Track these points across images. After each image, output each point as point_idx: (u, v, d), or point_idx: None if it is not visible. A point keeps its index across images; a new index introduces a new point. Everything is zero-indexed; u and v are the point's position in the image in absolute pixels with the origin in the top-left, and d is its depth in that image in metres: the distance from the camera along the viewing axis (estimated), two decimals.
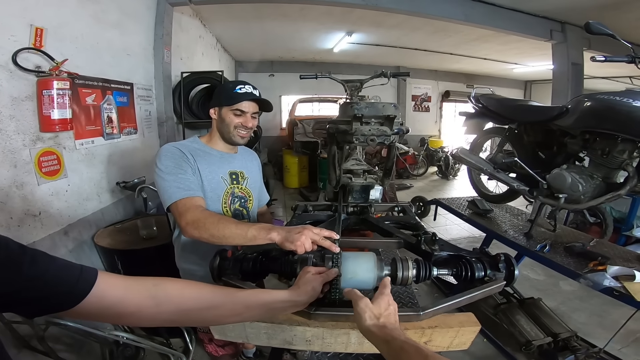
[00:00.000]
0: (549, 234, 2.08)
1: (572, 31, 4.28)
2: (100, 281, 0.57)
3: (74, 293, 0.55)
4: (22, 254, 0.52)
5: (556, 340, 1.98)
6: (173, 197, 1.14)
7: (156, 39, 3.15)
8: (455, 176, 8.24)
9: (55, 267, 0.55)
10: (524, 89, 10.84)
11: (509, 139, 2.19)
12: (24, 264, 0.51)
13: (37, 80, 1.70)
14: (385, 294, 0.74)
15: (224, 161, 1.38)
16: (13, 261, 0.50)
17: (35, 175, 1.67)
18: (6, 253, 0.50)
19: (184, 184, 1.17)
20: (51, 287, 0.53)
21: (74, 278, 0.55)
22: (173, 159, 1.23)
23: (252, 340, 0.97)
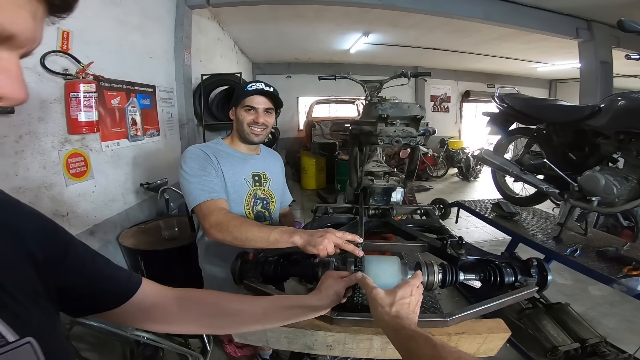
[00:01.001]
0: (579, 237, 1.99)
1: (599, 29, 4.11)
2: (144, 284, 0.62)
3: (122, 294, 0.59)
4: (85, 253, 0.56)
5: (584, 345, 1.90)
6: (197, 199, 1.16)
7: (176, 42, 3.21)
8: (476, 178, 8.04)
9: (110, 268, 0.59)
10: (549, 88, 10.47)
11: (537, 140, 2.11)
12: (86, 263, 0.55)
13: (65, 82, 1.74)
14: (409, 283, 0.72)
15: (247, 163, 1.39)
16: (77, 258, 0.54)
17: (64, 176, 1.73)
18: (73, 250, 0.54)
19: (208, 186, 1.19)
20: (104, 286, 0.57)
21: (124, 280, 0.60)
22: (197, 161, 1.24)
23: (272, 344, 0.97)
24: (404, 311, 0.66)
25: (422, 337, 0.56)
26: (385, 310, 0.66)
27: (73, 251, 0.54)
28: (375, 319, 0.69)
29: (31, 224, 0.49)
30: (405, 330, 0.60)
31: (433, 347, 0.52)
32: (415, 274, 0.77)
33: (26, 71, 1.52)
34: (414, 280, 0.73)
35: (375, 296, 0.70)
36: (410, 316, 0.66)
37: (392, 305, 0.67)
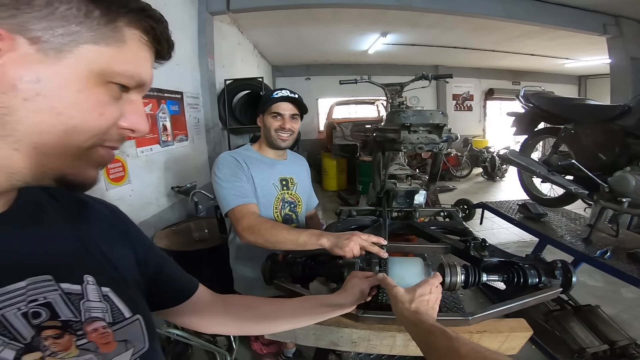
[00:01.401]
0: (610, 239, 1.94)
1: (628, 25, 3.96)
2: (200, 288, 0.72)
3: (184, 294, 0.69)
4: (161, 255, 0.67)
5: (613, 347, 1.85)
6: (230, 204, 1.24)
7: (200, 48, 3.33)
8: (502, 178, 7.80)
9: (177, 270, 0.70)
10: (578, 85, 10.03)
11: (565, 140, 2.07)
12: (163, 264, 0.66)
13: None
14: (428, 282, 0.75)
15: (275, 168, 1.45)
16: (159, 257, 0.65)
17: (104, 181, 1.85)
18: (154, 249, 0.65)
19: (240, 191, 1.26)
20: (172, 285, 0.67)
21: (187, 282, 0.70)
22: (229, 167, 1.32)
23: (300, 340, 1.02)
24: (423, 307, 0.69)
25: (439, 330, 0.59)
26: (405, 307, 0.70)
27: (154, 253, 0.65)
28: (396, 315, 0.73)
29: (135, 231, 0.62)
30: (423, 324, 0.64)
31: (448, 339, 0.55)
32: (434, 274, 0.80)
33: None
34: (433, 279, 0.76)
35: (396, 294, 0.73)
36: (429, 312, 0.69)
37: (411, 302, 0.70)
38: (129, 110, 0.43)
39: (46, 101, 0.36)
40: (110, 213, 0.59)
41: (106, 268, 0.50)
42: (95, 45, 0.37)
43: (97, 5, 0.37)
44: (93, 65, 0.38)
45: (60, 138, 0.37)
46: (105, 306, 0.47)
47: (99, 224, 0.54)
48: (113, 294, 0.48)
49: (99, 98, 0.39)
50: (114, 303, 0.48)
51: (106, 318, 0.46)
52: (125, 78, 0.41)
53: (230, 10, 3.54)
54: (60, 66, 0.36)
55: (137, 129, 0.44)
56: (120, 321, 0.47)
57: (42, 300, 0.41)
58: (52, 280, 0.42)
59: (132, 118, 0.43)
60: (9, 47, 0.34)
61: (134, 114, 0.43)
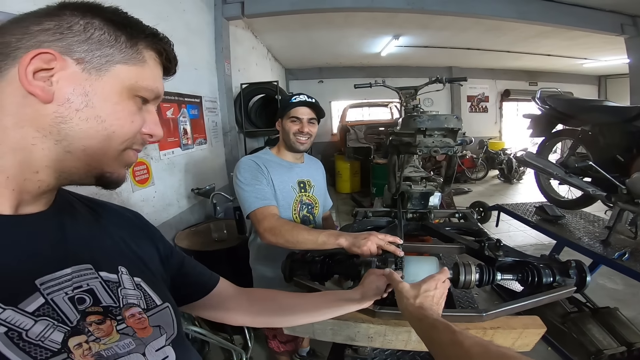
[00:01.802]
0: (629, 241, 1.91)
1: None
2: (220, 282, 0.77)
3: (206, 288, 0.74)
4: (181, 254, 0.73)
5: (631, 349, 1.82)
6: (252, 206, 1.29)
7: (217, 53, 3.40)
8: (519, 180, 7.65)
9: (198, 267, 0.75)
10: (598, 85, 9.74)
11: (583, 142, 2.06)
12: (184, 262, 0.72)
13: None
14: (434, 278, 0.76)
15: (293, 171, 1.50)
16: (180, 255, 0.71)
17: (130, 183, 1.93)
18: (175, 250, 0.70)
19: (261, 194, 1.32)
20: (195, 280, 0.73)
21: (207, 277, 0.76)
22: (250, 171, 1.37)
23: (318, 335, 1.05)
24: (428, 302, 0.70)
25: (443, 324, 0.61)
26: (410, 302, 0.71)
27: (176, 252, 0.70)
28: (401, 310, 0.74)
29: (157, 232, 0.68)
30: (427, 319, 0.65)
31: (452, 333, 0.57)
32: (442, 269, 0.80)
33: None
34: (440, 275, 0.77)
35: (402, 289, 0.75)
36: (433, 307, 0.70)
37: (416, 297, 0.71)
38: (149, 119, 0.51)
39: (93, 111, 0.43)
40: (133, 216, 0.66)
41: (135, 261, 0.56)
42: (125, 65, 0.46)
43: (123, 32, 0.45)
44: (125, 81, 0.46)
45: (103, 142, 0.45)
46: (139, 293, 0.52)
47: (124, 225, 0.60)
48: (144, 283, 0.54)
49: (130, 109, 0.47)
50: (146, 291, 0.53)
51: (141, 304, 0.51)
52: (148, 92, 0.49)
53: (245, 16, 3.61)
54: (102, 82, 0.44)
55: (155, 134, 0.52)
56: (153, 307, 0.53)
57: (85, 286, 0.46)
58: (92, 269, 0.48)
59: (151, 125, 0.51)
60: (61, 66, 0.41)
61: (152, 122, 0.51)
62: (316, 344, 2.14)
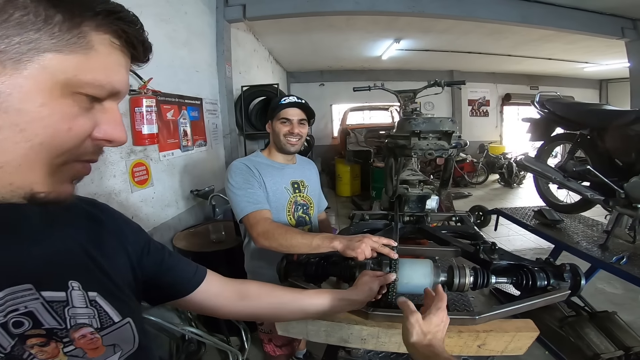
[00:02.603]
0: (627, 245, 1.91)
1: None
2: (208, 276, 0.73)
3: (191, 284, 0.69)
4: (163, 248, 0.68)
5: (628, 353, 1.81)
6: (245, 210, 1.29)
7: (218, 55, 3.42)
8: (520, 184, 7.65)
9: (181, 262, 0.70)
10: (599, 89, 9.76)
11: (581, 146, 2.05)
12: (164, 258, 0.66)
13: (130, 98, 1.92)
14: (441, 308, 0.74)
15: (285, 172, 1.50)
16: (158, 253, 0.66)
17: (129, 184, 1.94)
18: (154, 246, 0.66)
19: (253, 198, 1.31)
20: (178, 276, 0.68)
21: (192, 272, 0.71)
22: (242, 174, 1.37)
23: (312, 337, 1.05)
24: (437, 338, 0.69)
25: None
26: (420, 339, 0.69)
27: (154, 249, 0.65)
28: (406, 343, 0.71)
29: (129, 230, 0.62)
30: (437, 357, 0.64)
31: None
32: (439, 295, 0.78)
33: None
34: (442, 303, 0.75)
35: (415, 322, 0.71)
36: (442, 344, 0.69)
37: (427, 334, 0.69)
38: (104, 120, 0.40)
39: (6, 118, 0.32)
40: (101, 213, 0.58)
41: (93, 272, 0.49)
42: (58, 53, 0.34)
43: (58, 10, 0.33)
44: (57, 75, 0.34)
45: (26, 156, 0.34)
46: (93, 312, 0.46)
47: (87, 226, 0.53)
48: (101, 298, 0.48)
49: (66, 111, 0.36)
50: (101, 308, 0.48)
51: (93, 324, 0.46)
52: (94, 88, 0.37)
53: (246, 18, 3.63)
54: (20, 78, 0.32)
55: (113, 138, 0.41)
56: (109, 325, 0.48)
57: (22, 309, 0.41)
58: (32, 289, 0.42)
59: (106, 128, 0.40)
60: None
61: (109, 124, 0.40)
62: (313, 347, 2.14)
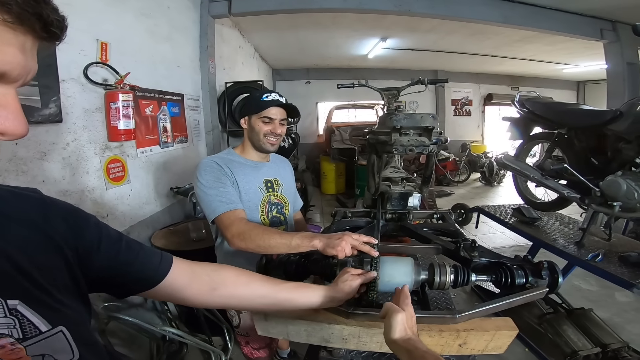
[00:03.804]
0: (602, 243, 1.96)
1: (625, 30, 4.01)
2: (175, 265, 0.67)
3: (156, 275, 0.64)
4: (119, 240, 0.61)
5: (605, 350, 1.87)
6: (217, 211, 1.22)
7: (201, 51, 3.35)
8: (500, 183, 7.85)
9: (143, 253, 0.64)
10: (577, 90, 10.10)
11: (558, 145, 2.10)
12: (121, 250, 0.60)
13: (105, 92, 1.86)
14: (409, 304, 0.75)
15: (259, 170, 1.44)
16: (113, 247, 0.59)
17: (104, 180, 1.87)
18: (107, 240, 0.59)
19: (226, 197, 1.24)
20: (139, 269, 0.63)
21: (157, 263, 0.65)
22: (212, 172, 1.29)
23: (292, 337, 1.04)
24: (414, 333, 0.70)
25: (432, 357, 0.61)
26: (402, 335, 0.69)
27: (107, 243, 0.58)
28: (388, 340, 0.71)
29: (65, 223, 0.53)
30: (418, 350, 0.64)
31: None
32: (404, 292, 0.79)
33: (71, 82, 1.66)
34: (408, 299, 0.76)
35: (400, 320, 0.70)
36: (418, 337, 0.70)
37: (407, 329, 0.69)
38: None
39: None
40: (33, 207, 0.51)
41: (15, 278, 0.43)
42: None
43: None
44: None
45: None
46: (13, 321, 0.42)
47: (10, 226, 0.46)
48: (24, 306, 0.43)
49: None
50: (24, 316, 0.42)
51: (14, 334, 0.41)
52: None
53: (231, 14, 3.57)
54: None
55: (4, 129, 0.36)
56: (33, 336, 0.43)
57: None
58: None
59: None
60: None
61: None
62: (297, 346, 2.12)
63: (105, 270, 0.58)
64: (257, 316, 1.02)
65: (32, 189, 0.54)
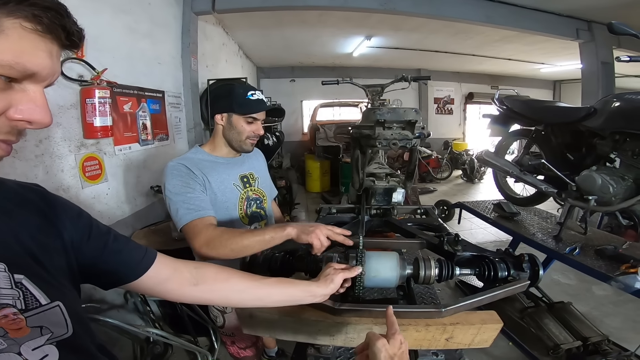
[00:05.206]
0: (579, 236, 2.03)
1: (600, 30, 4.14)
2: (158, 260, 0.71)
3: (140, 267, 0.68)
4: (108, 233, 0.67)
5: (586, 344, 1.93)
6: (184, 218, 1.13)
7: (183, 48, 3.28)
8: (480, 179, 8.05)
9: (129, 246, 0.69)
10: (553, 89, 10.45)
11: (536, 141, 2.16)
12: (108, 242, 0.65)
13: (81, 89, 1.80)
14: (397, 331, 0.73)
15: (232, 167, 1.37)
16: (101, 238, 0.64)
17: (80, 179, 1.80)
18: (97, 231, 0.64)
19: (194, 203, 1.15)
20: (124, 261, 0.67)
21: (141, 255, 0.69)
22: (180, 177, 1.20)
23: (279, 335, 1.02)
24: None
25: None
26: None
27: (97, 233, 0.64)
28: None
29: (66, 215, 0.60)
30: None
31: None
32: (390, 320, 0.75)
33: None
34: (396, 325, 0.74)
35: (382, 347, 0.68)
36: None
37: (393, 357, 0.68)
38: (21, 100, 0.43)
39: None
40: (37, 198, 0.58)
41: (21, 256, 0.50)
42: None
43: None
44: None
45: None
46: (18, 293, 0.47)
47: (19, 211, 0.53)
48: (28, 281, 0.48)
49: None
50: (27, 290, 0.48)
51: (17, 305, 0.46)
52: (3, 68, 0.40)
53: (215, 11, 3.50)
54: None
55: (32, 119, 0.44)
56: (34, 308, 0.47)
57: None
58: None
59: (23, 108, 0.43)
60: None
61: (26, 104, 0.43)
62: (285, 344, 2.10)
63: (93, 259, 0.62)
64: (241, 314, 1.00)
65: (35, 184, 0.61)
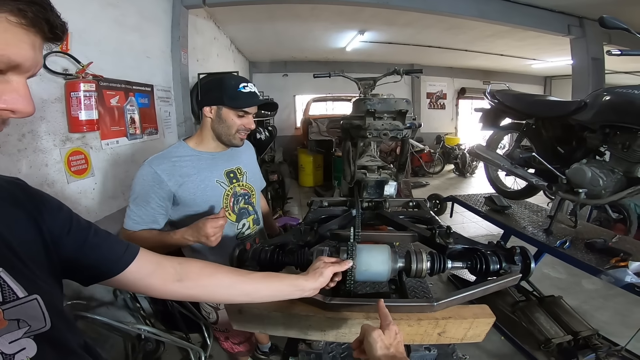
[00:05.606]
0: (569, 230, 2.05)
1: (590, 26, 4.16)
2: (140, 255, 0.70)
3: (121, 262, 0.67)
4: (88, 227, 0.66)
5: (576, 338, 1.95)
6: (127, 224, 1.22)
7: (173, 42, 3.22)
8: (472, 174, 8.13)
9: (109, 240, 0.68)
10: (544, 85, 10.53)
11: (527, 135, 2.17)
12: (88, 237, 0.64)
13: (65, 82, 1.76)
14: (392, 322, 0.73)
15: (217, 162, 1.32)
16: (81, 233, 0.64)
17: (65, 174, 1.75)
18: (77, 225, 0.63)
19: (139, 217, 1.20)
20: (105, 256, 0.66)
21: (122, 250, 0.68)
22: (142, 186, 1.20)
23: (269, 330, 1.01)
24: (399, 351, 0.69)
25: None
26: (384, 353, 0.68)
27: (77, 227, 0.63)
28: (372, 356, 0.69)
29: (44, 206, 0.59)
30: None
31: None
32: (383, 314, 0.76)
33: None
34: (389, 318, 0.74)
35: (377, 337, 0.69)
36: (404, 355, 0.70)
37: (389, 347, 0.69)
38: (4, 90, 0.45)
39: None
40: (17, 191, 0.58)
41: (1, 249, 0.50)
42: None
43: None
44: None
45: None
46: None
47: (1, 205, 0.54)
48: (5, 273, 0.48)
49: None
50: (5, 282, 0.48)
51: None
52: None
53: (206, 4, 3.43)
54: None
55: (15, 108, 0.46)
56: (11, 300, 0.48)
57: None
58: None
59: (7, 98, 0.45)
60: None
61: (10, 94, 0.45)
62: (278, 340, 2.09)
63: (73, 253, 0.61)
64: (230, 310, 0.98)
65: (15, 178, 0.61)
